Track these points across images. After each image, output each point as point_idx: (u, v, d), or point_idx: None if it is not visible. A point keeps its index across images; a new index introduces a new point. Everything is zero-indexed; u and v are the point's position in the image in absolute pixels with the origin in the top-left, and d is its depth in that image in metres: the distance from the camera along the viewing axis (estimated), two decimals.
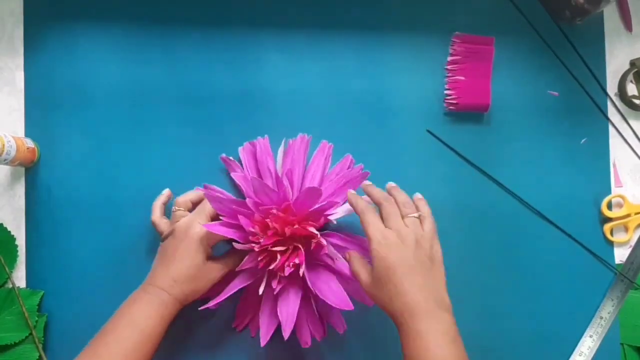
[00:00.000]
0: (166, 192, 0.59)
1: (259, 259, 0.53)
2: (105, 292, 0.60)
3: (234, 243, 0.54)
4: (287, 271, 0.52)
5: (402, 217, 0.51)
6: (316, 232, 0.53)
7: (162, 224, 0.57)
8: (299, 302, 0.54)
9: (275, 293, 0.54)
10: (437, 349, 0.45)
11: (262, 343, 0.55)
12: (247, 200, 0.53)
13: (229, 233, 0.54)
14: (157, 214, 0.57)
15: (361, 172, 0.58)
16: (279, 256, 0.53)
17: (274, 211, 0.53)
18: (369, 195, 0.53)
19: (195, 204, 0.57)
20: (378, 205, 0.52)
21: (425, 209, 0.52)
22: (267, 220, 0.53)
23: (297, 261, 0.53)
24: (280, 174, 0.58)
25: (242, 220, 0.53)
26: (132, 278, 0.59)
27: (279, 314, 0.54)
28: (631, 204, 0.63)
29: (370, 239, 0.49)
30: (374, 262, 0.48)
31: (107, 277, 0.60)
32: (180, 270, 0.52)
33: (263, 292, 0.54)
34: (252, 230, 0.53)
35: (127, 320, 0.51)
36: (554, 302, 0.62)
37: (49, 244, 0.60)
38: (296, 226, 0.53)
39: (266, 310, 0.56)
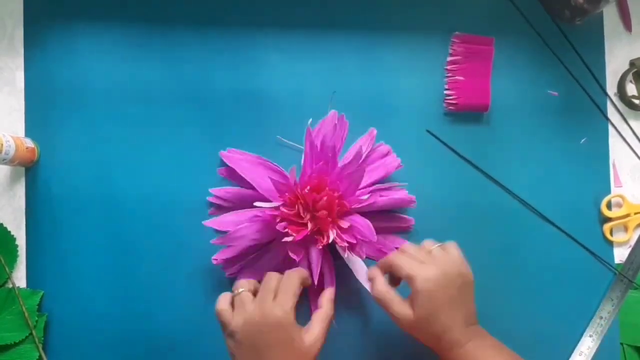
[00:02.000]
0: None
1: (274, 213, 0.54)
2: (106, 293, 0.60)
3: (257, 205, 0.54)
4: (286, 239, 0.52)
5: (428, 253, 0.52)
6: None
7: (228, 314, 0.49)
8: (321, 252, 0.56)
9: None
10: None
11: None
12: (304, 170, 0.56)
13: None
14: (224, 304, 0.49)
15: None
16: (291, 219, 0.53)
17: (307, 190, 0.53)
18: (388, 264, 0.52)
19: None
20: (396, 261, 0.51)
21: (446, 246, 0.53)
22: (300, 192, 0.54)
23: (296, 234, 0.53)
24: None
25: (277, 185, 0.54)
26: (132, 278, 0.60)
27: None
28: (631, 204, 0.63)
29: (411, 278, 0.49)
30: (420, 302, 0.48)
31: (107, 277, 0.60)
32: None
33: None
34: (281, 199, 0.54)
35: None
36: (553, 302, 0.62)
37: (49, 244, 0.60)
38: (325, 198, 0.53)
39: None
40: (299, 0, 0.63)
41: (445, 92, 0.63)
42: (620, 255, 0.63)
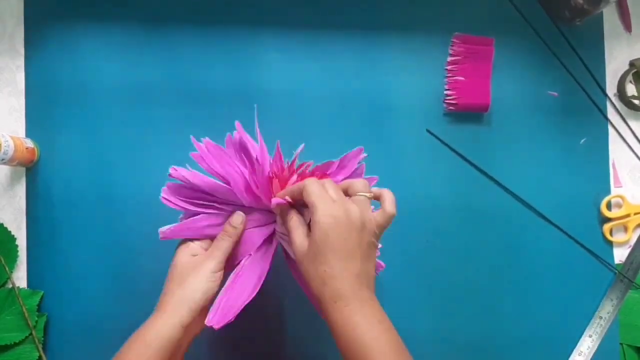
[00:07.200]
0: None
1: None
2: (105, 292, 0.60)
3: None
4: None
5: (351, 196, 0.47)
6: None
7: None
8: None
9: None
10: (371, 334, 0.43)
11: None
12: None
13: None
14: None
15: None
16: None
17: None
18: (301, 186, 0.47)
19: None
20: (310, 187, 0.47)
21: (382, 192, 0.48)
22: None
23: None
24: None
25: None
26: (132, 278, 0.60)
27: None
28: (630, 204, 0.63)
29: (314, 207, 0.44)
30: (315, 234, 0.44)
31: (107, 277, 0.60)
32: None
33: None
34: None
35: None
36: (553, 302, 0.62)
37: (49, 244, 0.60)
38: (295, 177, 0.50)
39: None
40: (299, 0, 0.63)
41: (445, 92, 0.63)
42: (620, 255, 0.64)
